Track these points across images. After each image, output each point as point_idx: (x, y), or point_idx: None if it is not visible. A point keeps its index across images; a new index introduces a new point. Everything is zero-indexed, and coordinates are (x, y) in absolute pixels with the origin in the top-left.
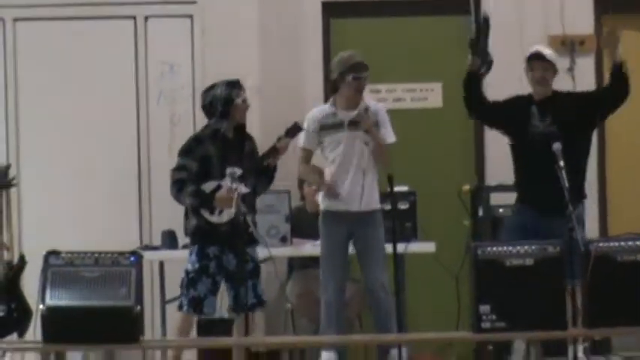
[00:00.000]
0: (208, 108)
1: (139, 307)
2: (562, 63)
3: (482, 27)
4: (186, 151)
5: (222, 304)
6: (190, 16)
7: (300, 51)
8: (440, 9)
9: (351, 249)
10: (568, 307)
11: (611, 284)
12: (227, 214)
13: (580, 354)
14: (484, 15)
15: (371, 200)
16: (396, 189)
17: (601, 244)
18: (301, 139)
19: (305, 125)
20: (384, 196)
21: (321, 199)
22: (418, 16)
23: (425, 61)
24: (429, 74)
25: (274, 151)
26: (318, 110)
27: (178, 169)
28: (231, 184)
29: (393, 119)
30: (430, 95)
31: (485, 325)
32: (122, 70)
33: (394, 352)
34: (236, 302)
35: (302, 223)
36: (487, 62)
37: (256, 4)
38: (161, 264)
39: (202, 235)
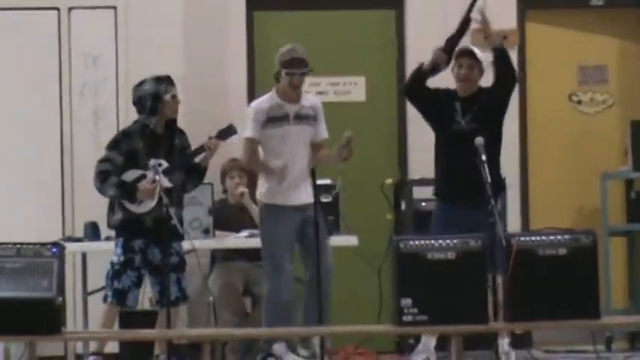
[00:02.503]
0: (138, 104)
1: (60, 299)
2: (486, 57)
3: (464, 28)
4: (113, 145)
5: (144, 297)
6: (114, 8)
7: (224, 43)
8: (364, 3)
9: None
10: (489, 300)
11: (532, 278)
12: (146, 205)
13: (506, 347)
14: (467, 18)
15: (310, 193)
16: (319, 182)
17: (522, 238)
18: (247, 129)
19: (251, 115)
20: None
21: (262, 194)
22: (342, 9)
23: (348, 55)
24: (353, 68)
25: (203, 150)
26: (263, 101)
27: (103, 160)
28: (154, 176)
29: None
30: (353, 89)
31: (407, 318)
32: (45, 62)
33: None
34: (161, 296)
35: (225, 216)
36: (448, 63)
37: None
38: (83, 255)
39: (128, 228)
